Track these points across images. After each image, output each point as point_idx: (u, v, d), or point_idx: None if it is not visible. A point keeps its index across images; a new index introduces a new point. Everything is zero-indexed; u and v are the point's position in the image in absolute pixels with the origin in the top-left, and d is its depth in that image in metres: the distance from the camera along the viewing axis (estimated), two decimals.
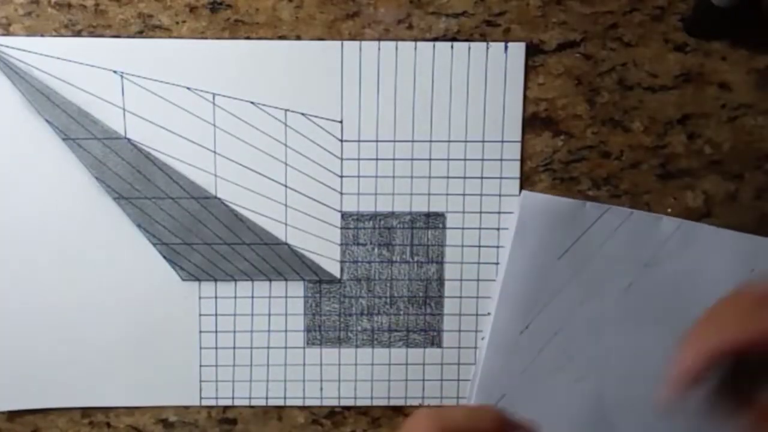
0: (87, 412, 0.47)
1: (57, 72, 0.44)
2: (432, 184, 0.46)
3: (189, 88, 0.44)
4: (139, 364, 0.46)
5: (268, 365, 0.47)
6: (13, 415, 0.47)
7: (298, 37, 0.44)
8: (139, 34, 0.44)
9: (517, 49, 0.45)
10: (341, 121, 0.45)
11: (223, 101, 0.44)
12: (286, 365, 0.47)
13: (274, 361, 0.47)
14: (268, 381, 0.47)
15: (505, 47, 0.45)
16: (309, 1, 0.44)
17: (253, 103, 0.45)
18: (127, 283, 0.46)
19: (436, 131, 0.45)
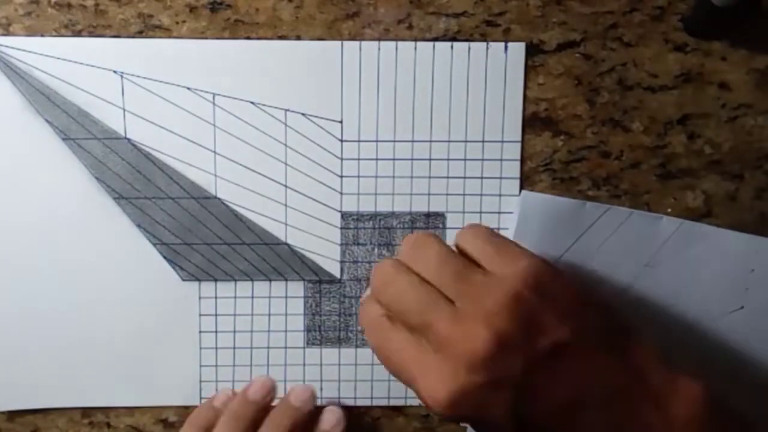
0: (87, 412, 0.47)
1: (57, 72, 0.44)
2: (432, 184, 0.46)
3: (189, 88, 0.44)
4: (139, 364, 0.46)
5: (267, 365, 0.47)
6: (13, 415, 0.47)
7: (298, 37, 0.44)
8: (139, 34, 0.44)
9: (517, 49, 0.45)
10: (341, 121, 0.45)
11: (223, 101, 0.45)
12: (286, 365, 0.47)
13: (274, 361, 0.47)
14: None
15: (505, 47, 0.45)
16: (309, 1, 0.44)
17: (253, 103, 0.45)
18: (127, 283, 0.46)
19: (436, 131, 0.45)
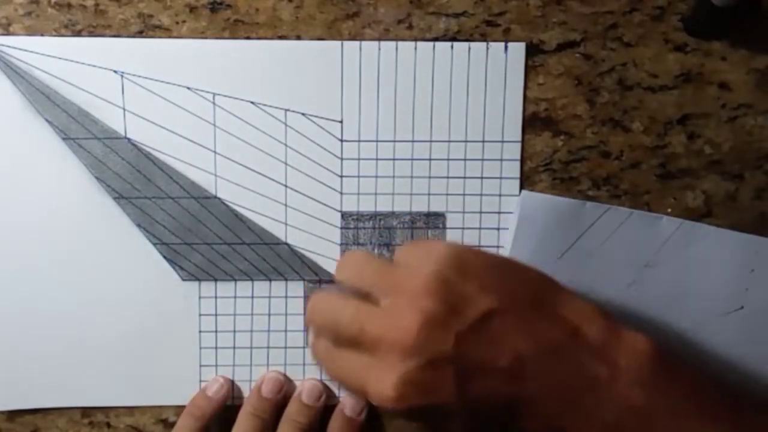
0: (87, 412, 0.47)
1: (57, 72, 0.44)
2: (432, 184, 0.46)
3: (189, 88, 0.44)
4: (139, 364, 0.46)
5: (267, 365, 0.47)
6: (13, 414, 0.47)
7: (298, 37, 0.44)
8: (139, 34, 0.44)
9: (517, 49, 0.45)
10: (341, 121, 0.45)
11: (223, 101, 0.45)
12: (285, 365, 0.47)
13: (274, 361, 0.47)
14: None
15: (505, 47, 0.45)
16: (309, 1, 0.44)
17: (253, 103, 0.45)
18: (127, 283, 0.46)
19: (436, 131, 0.45)
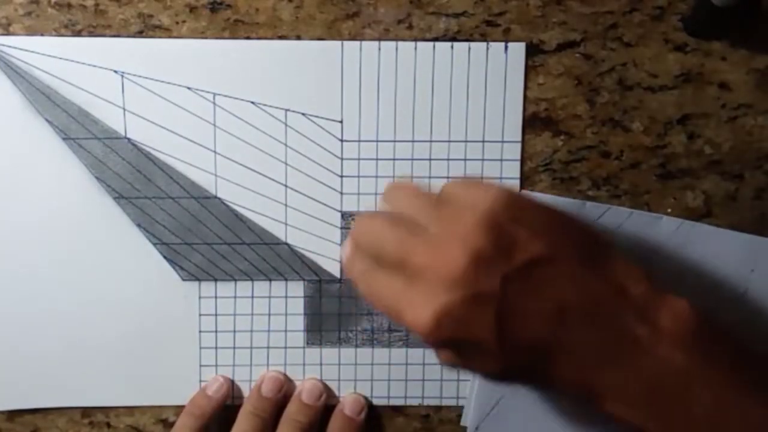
0: (87, 412, 0.47)
1: (57, 71, 0.44)
2: (432, 184, 0.46)
3: (189, 88, 0.44)
4: (139, 364, 0.46)
5: (267, 365, 0.47)
6: (13, 414, 0.47)
7: (298, 37, 0.44)
8: (139, 34, 0.44)
9: (518, 49, 0.45)
10: (341, 121, 0.45)
11: (223, 101, 0.44)
12: (285, 365, 0.47)
13: (274, 361, 0.47)
14: None
15: (505, 47, 0.45)
16: (309, 1, 0.44)
17: (253, 103, 0.45)
18: (127, 283, 0.46)
19: (436, 131, 0.45)
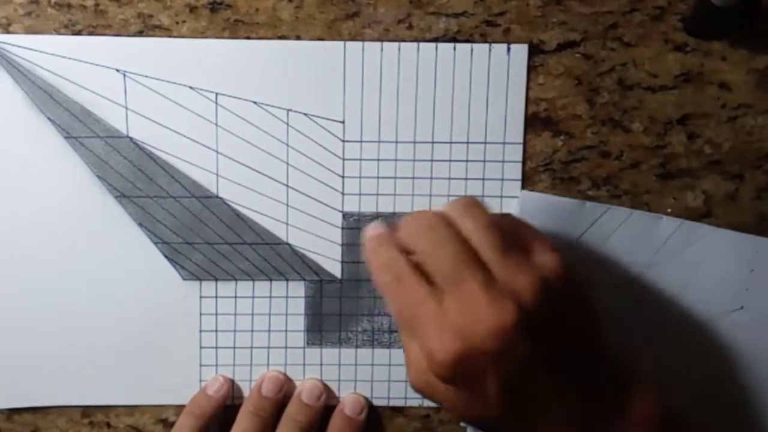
0: (87, 411, 0.47)
1: (59, 70, 0.44)
2: (433, 185, 0.46)
3: (192, 88, 0.44)
4: (139, 364, 0.46)
5: (268, 365, 0.47)
6: (13, 414, 0.47)
7: (298, 37, 0.44)
8: (139, 34, 0.44)
9: (520, 50, 0.45)
10: (343, 122, 0.45)
11: (225, 101, 0.44)
12: (286, 365, 0.47)
13: (274, 361, 0.47)
14: None
15: (508, 49, 0.45)
16: (309, 1, 0.44)
17: (255, 102, 0.45)
18: (128, 282, 0.46)
19: (438, 132, 0.45)
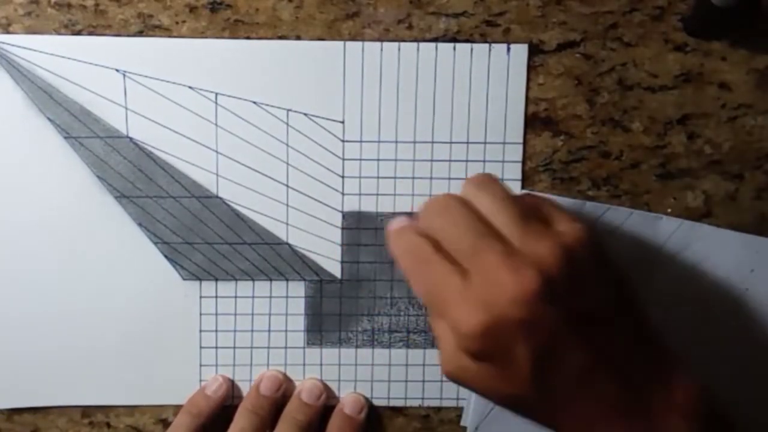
0: (87, 411, 0.47)
1: (59, 70, 0.44)
2: (433, 185, 0.46)
3: (191, 88, 0.44)
4: (139, 364, 0.46)
5: (268, 365, 0.47)
6: (13, 414, 0.47)
7: (298, 37, 0.44)
8: (139, 34, 0.44)
9: (520, 50, 0.45)
10: (343, 122, 0.45)
11: (225, 101, 0.44)
12: (286, 365, 0.47)
13: (274, 361, 0.47)
14: None
15: (508, 49, 0.45)
16: (309, 1, 0.44)
17: (255, 102, 0.45)
18: (128, 282, 0.46)
19: (438, 132, 0.45)
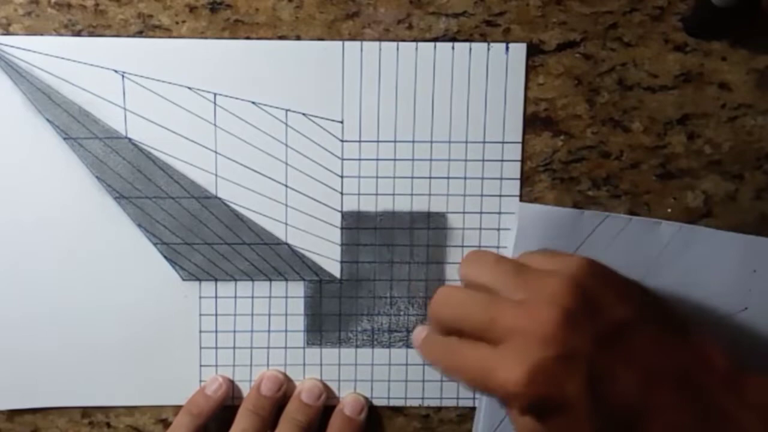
0: (87, 412, 0.47)
1: (58, 71, 0.44)
2: (432, 184, 0.46)
3: (190, 88, 0.44)
4: (139, 364, 0.46)
5: (267, 365, 0.47)
6: (13, 414, 0.47)
7: (298, 37, 0.44)
8: (139, 34, 0.44)
9: (519, 50, 0.45)
10: (342, 122, 0.45)
11: (224, 101, 0.44)
12: (286, 365, 0.47)
13: (274, 361, 0.47)
14: None
15: (506, 48, 0.45)
16: (309, 1, 0.44)
17: (254, 102, 0.45)
18: (127, 283, 0.46)
19: (437, 132, 0.45)
